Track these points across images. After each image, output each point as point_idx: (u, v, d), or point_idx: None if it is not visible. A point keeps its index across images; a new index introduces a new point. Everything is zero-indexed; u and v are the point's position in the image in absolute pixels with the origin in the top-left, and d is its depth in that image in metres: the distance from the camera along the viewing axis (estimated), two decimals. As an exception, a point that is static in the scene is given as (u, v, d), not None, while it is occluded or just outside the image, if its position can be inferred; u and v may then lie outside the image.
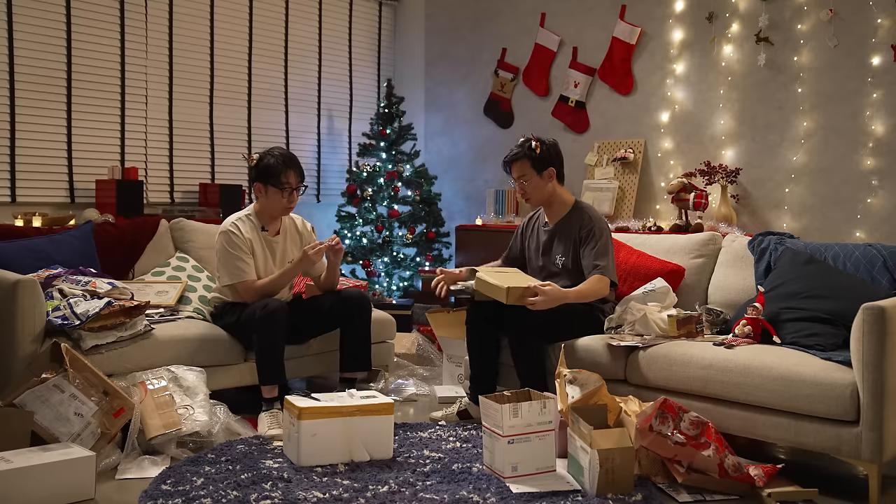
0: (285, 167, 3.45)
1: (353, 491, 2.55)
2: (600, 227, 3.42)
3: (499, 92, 5.84)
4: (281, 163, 3.45)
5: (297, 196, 3.52)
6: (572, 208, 3.53)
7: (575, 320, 3.39)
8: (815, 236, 4.30)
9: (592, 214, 3.48)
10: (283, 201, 3.48)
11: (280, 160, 3.46)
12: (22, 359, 2.93)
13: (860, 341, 2.58)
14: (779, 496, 2.57)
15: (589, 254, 3.38)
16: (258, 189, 3.49)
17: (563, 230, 3.50)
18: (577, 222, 3.47)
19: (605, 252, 3.38)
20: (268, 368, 3.31)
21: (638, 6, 5.09)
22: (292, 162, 3.50)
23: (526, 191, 3.51)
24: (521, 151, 3.49)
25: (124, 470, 2.76)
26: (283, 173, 3.44)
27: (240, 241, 3.43)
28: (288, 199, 3.48)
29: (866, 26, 4.19)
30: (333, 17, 5.97)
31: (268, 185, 3.46)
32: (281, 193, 3.46)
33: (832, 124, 4.32)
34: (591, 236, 3.40)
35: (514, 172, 3.53)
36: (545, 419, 2.71)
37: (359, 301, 3.56)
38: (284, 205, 3.49)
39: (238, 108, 5.39)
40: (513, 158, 3.52)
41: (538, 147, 3.47)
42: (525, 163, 3.48)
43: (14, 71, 4.32)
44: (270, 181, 3.45)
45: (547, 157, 3.49)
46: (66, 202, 4.54)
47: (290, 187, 3.47)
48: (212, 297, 3.61)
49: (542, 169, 3.47)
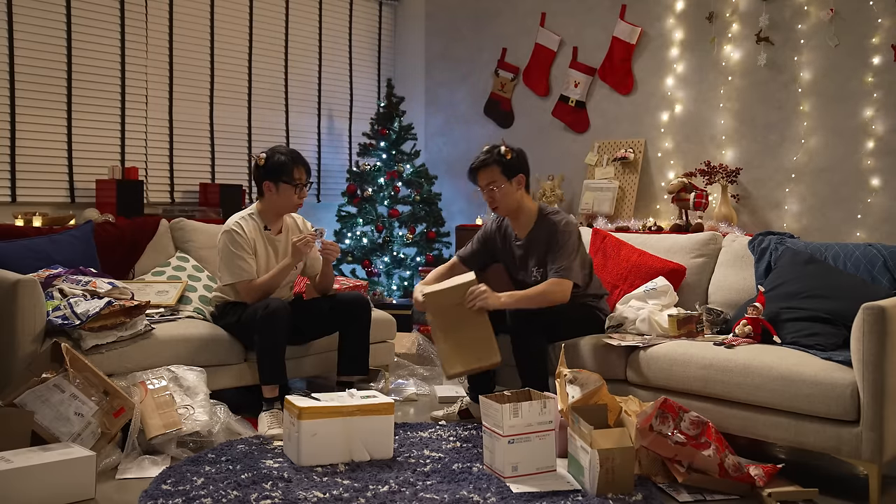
0: (294, 164, 3.49)
1: (354, 491, 2.55)
2: (566, 232, 3.31)
3: (499, 92, 5.84)
4: (290, 160, 3.49)
5: (306, 192, 3.57)
6: (538, 218, 3.42)
7: (575, 320, 3.39)
8: (815, 236, 4.30)
9: (558, 220, 3.36)
10: (294, 197, 3.52)
11: (289, 157, 3.50)
12: (22, 359, 2.93)
13: (860, 341, 2.58)
14: (779, 496, 2.57)
15: (551, 259, 3.30)
16: (268, 187, 3.50)
17: (535, 243, 3.40)
18: (545, 233, 3.36)
19: (568, 255, 3.27)
20: (268, 368, 3.31)
21: (638, 6, 5.09)
22: (300, 159, 3.55)
23: (495, 198, 3.37)
24: (491, 157, 3.36)
25: (124, 470, 2.76)
26: (294, 170, 3.49)
27: (242, 240, 3.44)
28: (298, 195, 3.52)
29: (866, 26, 4.19)
30: (333, 17, 5.98)
31: (279, 183, 3.48)
32: (293, 190, 3.49)
33: (832, 124, 4.32)
34: (556, 243, 3.30)
35: (482, 180, 3.38)
36: (545, 419, 2.71)
37: (359, 305, 3.57)
38: (295, 201, 3.53)
39: (238, 108, 5.39)
40: (481, 164, 3.37)
41: (508, 153, 3.36)
42: (495, 169, 3.35)
43: (14, 71, 4.32)
44: (282, 178, 3.47)
45: (517, 163, 3.38)
46: (67, 202, 4.54)
47: (300, 183, 3.51)
48: (213, 296, 3.61)
49: (512, 175, 3.36)
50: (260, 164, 3.50)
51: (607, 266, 3.81)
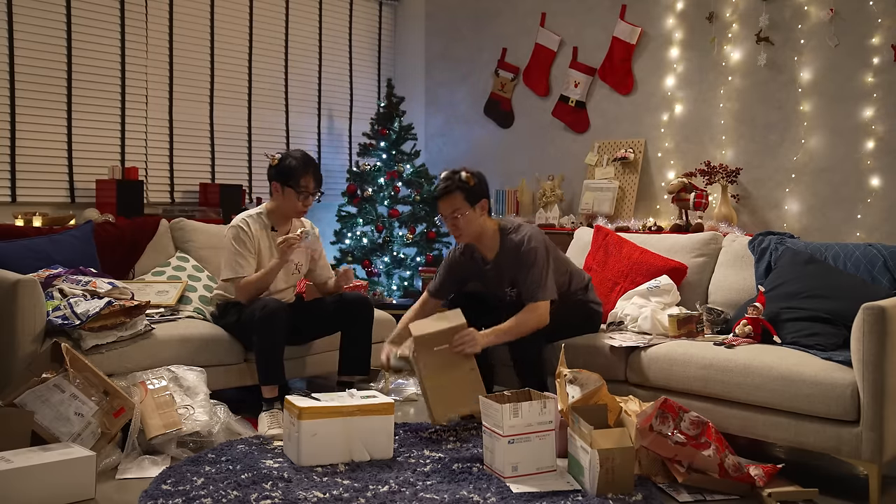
0: (305, 171, 3.47)
1: (354, 491, 2.55)
2: (530, 251, 3.20)
3: (499, 92, 5.84)
4: (301, 166, 3.47)
5: (311, 201, 3.55)
6: (501, 239, 3.31)
7: (575, 320, 3.39)
8: (815, 236, 4.30)
9: (520, 239, 3.25)
10: (298, 204, 3.50)
11: (301, 163, 3.47)
12: (22, 359, 2.92)
13: (860, 341, 2.58)
14: (779, 496, 2.57)
15: (521, 281, 3.22)
16: (276, 188, 3.50)
17: (503, 266, 3.31)
18: (510, 256, 3.26)
19: (537, 276, 3.18)
20: (267, 369, 3.31)
21: (638, 6, 5.09)
22: (312, 167, 3.52)
23: (458, 226, 3.24)
24: (453, 184, 3.23)
25: (124, 470, 2.76)
26: (302, 177, 3.46)
27: (246, 237, 3.45)
28: (303, 202, 3.50)
29: (866, 26, 4.19)
30: (333, 17, 5.98)
31: (286, 186, 3.47)
32: (297, 196, 3.48)
33: (832, 124, 4.32)
34: (522, 266, 3.22)
35: (444, 209, 3.25)
36: (545, 419, 2.71)
37: (362, 306, 3.57)
38: (299, 208, 3.51)
39: (238, 108, 5.40)
40: (443, 192, 3.23)
41: (470, 178, 3.23)
42: (458, 196, 3.21)
43: (14, 71, 4.32)
44: (289, 182, 3.46)
45: (479, 188, 3.26)
46: (67, 202, 4.54)
47: (306, 191, 3.48)
48: (214, 294, 3.61)
49: (475, 201, 3.23)
50: (272, 163, 3.49)
51: (609, 263, 3.81)
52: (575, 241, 4.16)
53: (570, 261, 3.53)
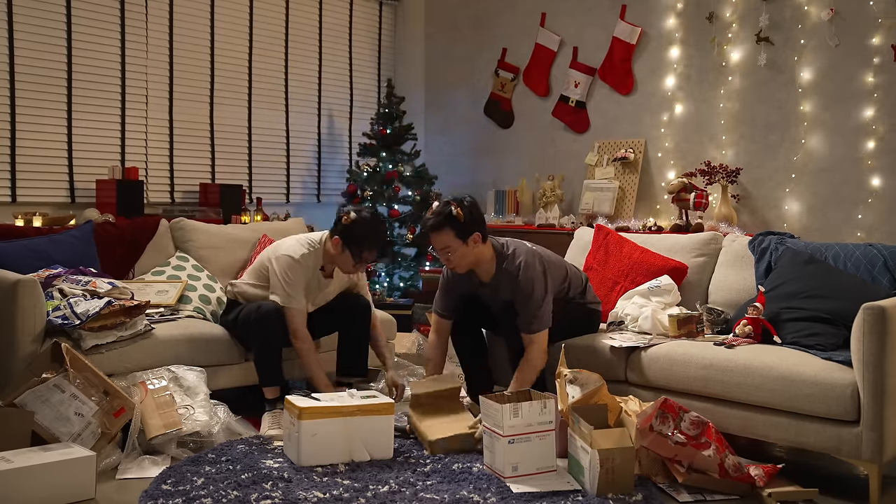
0: (370, 245, 3.37)
1: (354, 491, 2.55)
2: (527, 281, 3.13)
3: (499, 92, 5.84)
4: (369, 239, 3.36)
5: (363, 269, 3.49)
6: (497, 267, 3.23)
7: (574, 321, 3.39)
8: (815, 236, 4.30)
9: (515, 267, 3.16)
10: (351, 266, 3.42)
11: (370, 237, 3.36)
12: (22, 359, 2.92)
13: (860, 341, 2.58)
14: (779, 496, 2.57)
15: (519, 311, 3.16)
16: (336, 242, 3.39)
17: (500, 288, 3.25)
18: (507, 283, 3.20)
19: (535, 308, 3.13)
20: (265, 370, 3.32)
21: (638, 6, 5.09)
22: (379, 243, 3.42)
23: (451, 260, 3.17)
24: (442, 219, 3.12)
25: (124, 470, 2.76)
26: (365, 250, 3.37)
27: (300, 274, 3.37)
28: (356, 268, 3.44)
29: (866, 26, 4.19)
30: (333, 17, 5.98)
31: (346, 248, 3.38)
32: (353, 261, 3.40)
33: (832, 124, 4.32)
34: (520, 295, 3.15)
35: (435, 243, 3.17)
36: (545, 419, 2.71)
37: (361, 307, 3.56)
38: (350, 269, 3.45)
39: (238, 108, 5.39)
40: (433, 228, 3.15)
41: (460, 215, 3.10)
42: (448, 233, 3.11)
43: (14, 71, 4.32)
44: (351, 248, 3.37)
45: (470, 222, 3.12)
46: (67, 202, 4.54)
47: (363, 263, 3.42)
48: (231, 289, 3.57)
49: (466, 236, 3.13)
50: (344, 221, 3.37)
51: (609, 262, 3.81)
52: (575, 241, 4.15)
53: (568, 265, 3.49)
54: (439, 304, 3.45)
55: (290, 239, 3.51)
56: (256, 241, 4.15)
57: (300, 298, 3.38)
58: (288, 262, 3.37)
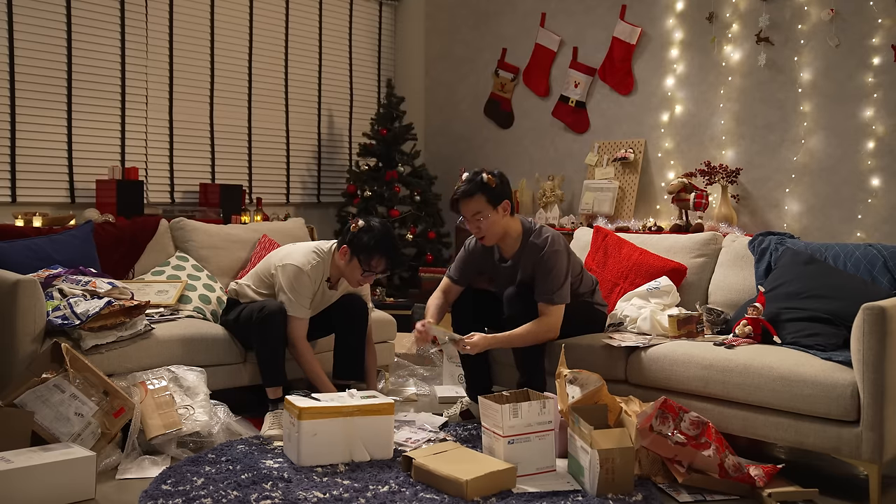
0: (378, 254, 3.35)
1: (354, 491, 2.55)
2: (553, 255, 3.19)
3: (499, 92, 5.84)
4: (376, 247, 3.33)
5: (371, 279, 3.46)
6: (523, 239, 3.29)
7: (579, 320, 3.39)
8: (815, 236, 4.30)
9: (542, 241, 3.23)
10: (359, 277, 3.41)
11: (378, 246, 3.34)
12: (22, 359, 2.92)
13: (860, 341, 2.58)
14: (779, 496, 2.57)
15: (540, 283, 3.21)
16: (344, 251, 3.38)
17: (522, 264, 3.29)
18: (531, 257, 3.24)
19: (557, 279, 3.18)
20: (268, 370, 3.32)
21: (638, 6, 5.09)
22: (388, 251, 3.38)
23: (482, 229, 3.22)
24: (474, 186, 3.20)
25: (124, 470, 2.76)
26: (373, 258, 3.35)
27: (307, 286, 3.36)
28: (363, 278, 3.42)
29: (866, 26, 4.19)
30: (333, 17, 5.98)
31: (353, 257, 3.37)
32: (361, 270, 3.39)
33: (832, 124, 4.32)
34: (543, 269, 3.20)
35: (466, 210, 3.22)
36: (545, 419, 2.71)
37: (359, 310, 3.56)
38: (358, 280, 3.43)
39: (238, 108, 5.40)
40: (465, 195, 3.21)
41: (491, 180, 3.20)
42: (480, 198, 3.18)
43: (14, 71, 4.32)
44: (359, 256, 3.35)
45: (501, 189, 3.21)
46: (67, 202, 4.54)
47: (372, 271, 3.39)
48: (234, 287, 3.57)
49: (497, 203, 3.20)
50: (353, 229, 3.37)
51: (608, 264, 3.81)
52: (574, 242, 4.15)
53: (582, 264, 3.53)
54: (454, 269, 3.50)
55: (298, 247, 3.48)
56: (256, 241, 4.15)
57: (305, 309, 3.37)
58: (295, 272, 3.35)
